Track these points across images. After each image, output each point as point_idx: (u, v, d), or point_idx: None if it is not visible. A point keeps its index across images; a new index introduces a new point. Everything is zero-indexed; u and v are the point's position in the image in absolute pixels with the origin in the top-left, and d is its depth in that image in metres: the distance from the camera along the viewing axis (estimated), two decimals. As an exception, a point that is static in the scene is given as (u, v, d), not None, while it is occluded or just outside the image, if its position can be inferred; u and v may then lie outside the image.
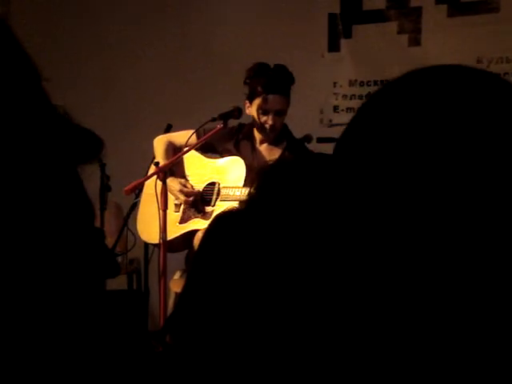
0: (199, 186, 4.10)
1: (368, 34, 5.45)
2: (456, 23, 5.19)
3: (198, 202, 4.07)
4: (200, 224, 3.95)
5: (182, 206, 4.09)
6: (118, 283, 4.93)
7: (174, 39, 5.81)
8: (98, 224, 4.01)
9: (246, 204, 0.96)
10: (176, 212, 4.12)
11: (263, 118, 3.90)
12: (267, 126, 3.90)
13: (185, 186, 4.06)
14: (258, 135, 4.02)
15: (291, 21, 5.51)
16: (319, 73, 5.45)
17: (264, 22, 5.58)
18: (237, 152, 4.03)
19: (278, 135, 3.98)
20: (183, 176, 4.15)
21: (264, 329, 0.90)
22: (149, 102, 5.77)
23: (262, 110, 3.88)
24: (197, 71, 5.70)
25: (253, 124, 4.00)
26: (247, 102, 3.95)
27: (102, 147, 0.59)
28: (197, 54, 5.74)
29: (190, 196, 4.03)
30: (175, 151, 4.08)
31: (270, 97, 3.85)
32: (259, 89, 3.86)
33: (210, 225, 1.00)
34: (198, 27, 5.75)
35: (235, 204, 1.06)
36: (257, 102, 3.88)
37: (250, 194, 0.96)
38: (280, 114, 3.89)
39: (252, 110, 3.93)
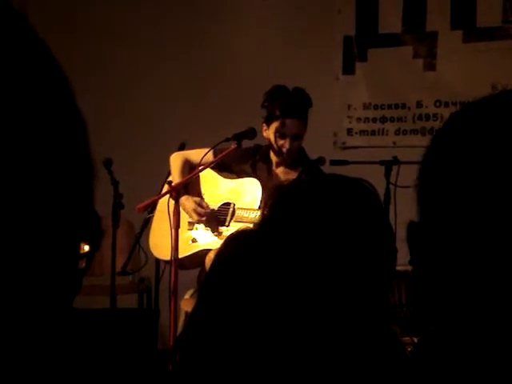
0: (214, 206, 4.08)
1: (383, 57, 5.46)
2: (471, 49, 5.20)
3: (212, 221, 4.05)
4: (213, 244, 3.94)
5: (196, 225, 4.08)
6: (128, 302, 4.93)
7: (190, 59, 5.83)
8: (109, 242, 4.01)
9: (259, 225, 0.96)
10: (190, 230, 4.10)
11: (280, 142, 3.86)
12: (284, 149, 3.86)
13: (200, 205, 4.03)
14: (274, 158, 3.99)
15: (306, 43, 5.53)
16: (333, 95, 5.46)
17: (279, 43, 5.60)
18: (253, 173, 4.00)
19: (295, 158, 3.95)
20: (198, 194, 4.14)
21: (273, 348, 0.89)
22: (163, 119, 5.78)
23: (280, 134, 3.84)
24: (212, 91, 5.71)
25: (270, 146, 3.99)
26: (264, 124, 3.92)
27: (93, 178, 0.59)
28: (212, 73, 5.76)
29: (204, 216, 4.01)
30: (191, 169, 4.06)
31: (288, 121, 3.82)
32: (277, 112, 3.83)
33: (221, 245, 1.00)
34: (213, 47, 5.77)
35: (249, 226, 1.06)
36: (274, 125, 3.85)
37: (263, 214, 0.96)
38: (297, 138, 3.87)
39: (269, 133, 3.90)
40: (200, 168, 3.93)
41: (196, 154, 4.06)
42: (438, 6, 5.30)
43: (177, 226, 3.69)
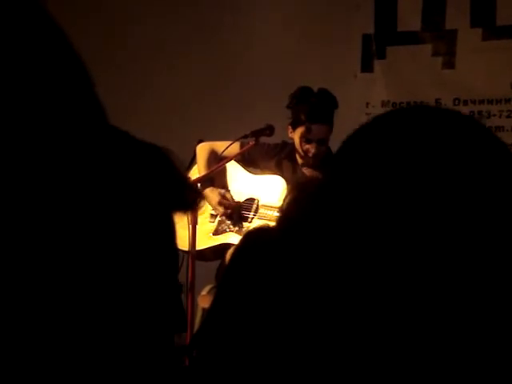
0: (238, 199, 4.08)
1: (402, 55, 5.44)
2: (491, 47, 5.17)
3: (235, 215, 4.03)
4: (233, 238, 3.93)
5: (218, 218, 4.07)
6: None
7: (207, 56, 5.83)
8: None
9: (278, 222, 0.96)
10: (211, 222, 4.09)
11: (306, 147, 3.83)
12: (310, 154, 3.83)
13: (224, 197, 4.02)
14: (299, 158, 3.96)
15: (325, 40, 5.52)
16: (352, 93, 5.44)
17: (298, 41, 5.59)
18: (278, 171, 3.98)
19: (321, 158, 3.89)
20: (224, 186, 4.12)
21: (291, 347, 0.90)
22: (181, 116, 5.79)
23: (305, 139, 3.81)
24: (230, 88, 5.71)
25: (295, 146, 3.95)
26: (290, 127, 3.90)
27: (199, 197, 0.62)
28: (230, 70, 5.76)
29: (228, 209, 4.00)
30: (217, 159, 4.03)
31: (314, 126, 3.78)
32: (302, 117, 3.79)
33: (240, 242, 1.00)
34: (230, 44, 5.77)
35: (270, 223, 1.06)
36: (300, 130, 3.82)
37: (281, 209, 0.96)
38: (323, 142, 3.82)
39: (295, 136, 3.87)
40: (224, 161, 3.92)
41: (223, 146, 4.02)
42: (458, 3, 5.27)
43: (194, 222, 3.68)
